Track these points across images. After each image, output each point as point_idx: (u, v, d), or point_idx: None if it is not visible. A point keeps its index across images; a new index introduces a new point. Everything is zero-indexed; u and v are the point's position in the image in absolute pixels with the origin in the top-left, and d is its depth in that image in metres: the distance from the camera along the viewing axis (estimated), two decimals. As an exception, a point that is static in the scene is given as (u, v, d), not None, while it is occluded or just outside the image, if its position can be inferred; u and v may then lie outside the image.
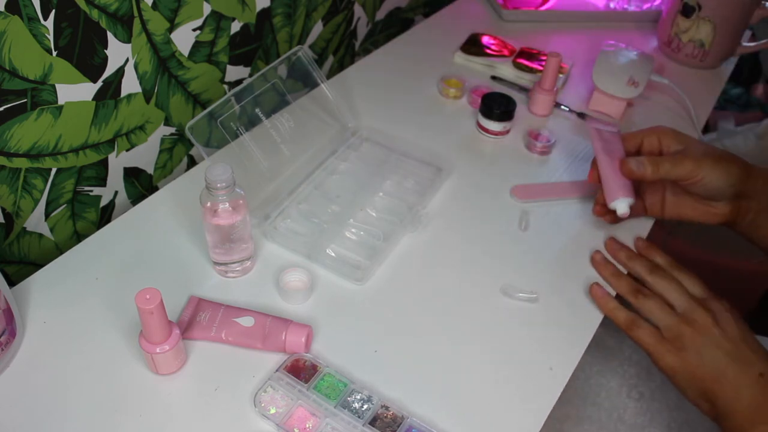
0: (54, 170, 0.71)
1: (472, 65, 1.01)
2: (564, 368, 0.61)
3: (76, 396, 0.56)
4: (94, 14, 0.66)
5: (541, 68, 0.98)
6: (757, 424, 0.54)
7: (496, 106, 0.85)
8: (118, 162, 0.78)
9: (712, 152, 0.65)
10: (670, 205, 0.71)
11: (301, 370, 0.58)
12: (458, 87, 0.94)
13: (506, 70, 0.99)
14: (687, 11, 1.00)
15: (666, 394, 0.74)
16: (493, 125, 0.86)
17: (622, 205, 0.67)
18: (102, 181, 0.77)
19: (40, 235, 0.74)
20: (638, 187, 0.70)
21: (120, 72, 0.72)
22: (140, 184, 0.83)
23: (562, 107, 0.93)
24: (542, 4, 1.17)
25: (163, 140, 0.83)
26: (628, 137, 0.71)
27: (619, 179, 0.67)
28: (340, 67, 1.13)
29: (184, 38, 0.78)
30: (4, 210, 0.68)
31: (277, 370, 0.58)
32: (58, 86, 0.66)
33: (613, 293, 0.67)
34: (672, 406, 0.73)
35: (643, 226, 0.75)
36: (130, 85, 0.74)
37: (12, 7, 0.58)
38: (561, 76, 0.96)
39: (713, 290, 0.67)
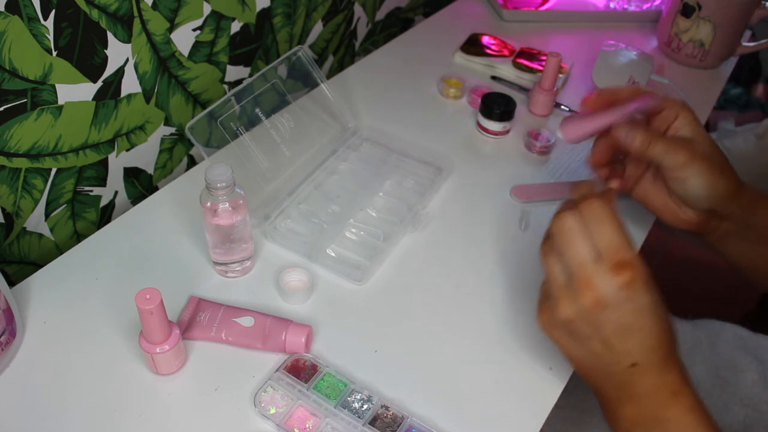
0: (54, 170, 0.71)
1: (472, 65, 1.01)
2: (564, 368, 0.61)
3: (76, 396, 0.56)
4: (94, 14, 0.66)
5: (541, 68, 0.98)
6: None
7: (496, 106, 0.85)
8: (118, 162, 0.78)
9: (713, 158, 0.61)
10: (643, 188, 0.67)
11: (301, 370, 0.58)
12: (458, 87, 0.94)
13: (506, 70, 0.99)
14: (687, 11, 1.00)
15: None
16: (493, 125, 0.86)
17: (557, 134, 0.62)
18: (102, 181, 0.77)
19: (40, 235, 0.74)
20: (624, 156, 0.66)
21: (120, 72, 0.72)
22: (140, 184, 0.83)
23: (562, 107, 0.93)
24: (542, 4, 1.17)
25: (163, 140, 0.83)
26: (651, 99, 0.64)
27: (585, 125, 0.61)
28: (340, 67, 1.13)
29: (184, 38, 0.78)
30: (4, 210, 0.68)
31: (277, 370, 0.58)
32: (58, 86, 0.66)
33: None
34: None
35: (644, 225, 0.75)
36: (130, 85, 0.74)
37: (12, 7, 0.58)
38: (561, 76, 0.96)
39: (709, 289, 0.65)
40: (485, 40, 1.05)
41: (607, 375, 0.53)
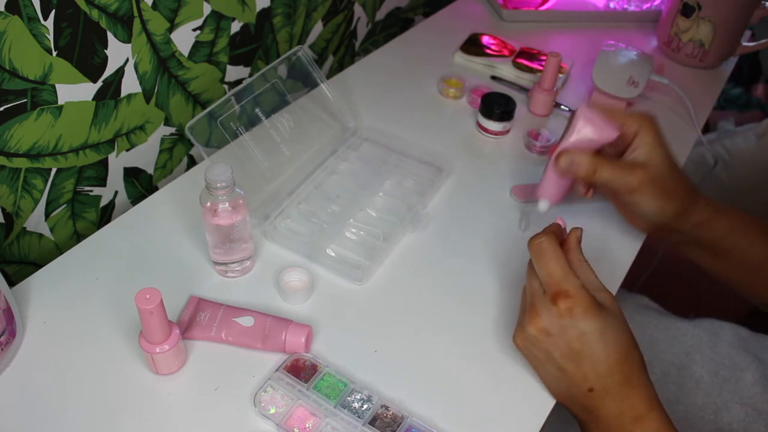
0: (54, 170, 0.71)
1: (472, 65, 1.01)
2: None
3: (76, 396, 0.56)
4: (94, 14, 0.66)
5: (541, 68, 0.98)
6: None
7: (496, 106, 0.85)
8: (118, 162, 0.78)
9: (664, 181, 0.62)
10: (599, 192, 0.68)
11: (301, 370, 0.58)
12: (458, 87, 0.94)
13: (506, 70, 0.99)
14: (687, 11, 1.00)
15: (666, 387, 0.74)
16: (493, 125, 0.86)
17: (542, 205, 0.65)
18: (102, 181, 0.77)
19: (40, 235, 0.74)
20: None
21: (120, 72, 0.72)
22: (140, 184, 0.83)
23: (562, 107, 0.93)
24: (542, 4, 1.17)
25: (163, 140, 0.83)
26: (610, 114, 0.64)
27: (558, 180, 0.63)
28: (340, 67, 1.13)
29: (184, 38, 0.78)
30: (4, 210, 0.68)
31: (277, 370, 0.58)
32: (58, 86, 0.66)
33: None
34: (672, 400, 0.73)
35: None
36: (130, 85, 0.74)
37: (12, 7, 0.58)
38: (561, 76, 0.96)
39: (709, 288, 0.66)
40: (485, 40, 1.05)
41: (571, 398, 0.55)
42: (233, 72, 0.89)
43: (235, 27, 0.85)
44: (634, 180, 0.60)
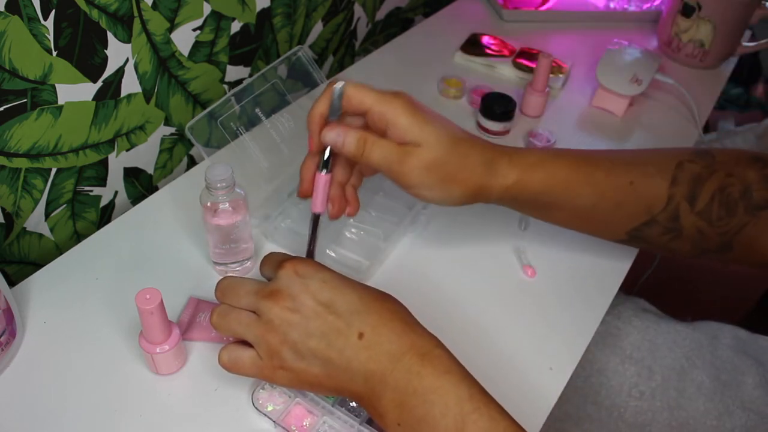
0: (54, 170, 0.71)
1: (472, 65, 1.01)
2: (564, 368, 0.61)
3: (76, 396, 0.56)
4: (94, 14, 0.66)
5: (541, 68, 0.98)
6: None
7: (496, 106, 0.85)
8: (118, 162, 0.78)
9: (444, 166, 0.53)
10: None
11: (301, 370, 0.58)
12: (458, 87, 0.94)
13: (506, 70, 0.99)
14: (687, 11, 1.00)
15: (667, 392, 0.74)
16: (493, 125, 0.86)
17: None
18: (102, 181, 0.77)
19: (40, 235, 0.74)
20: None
21: (120, 72, 0.72)
22: (140, 184, 0.83)
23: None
24: (542, 4, 1.17)
25: (163, 140, 0.83)
26: (352, 95, 0.55)
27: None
28: (340, 67, 1.13)
29: (184, 38, 0.78)
30: (4, 210, 0.68)
31: (276, 370, 0.57)
32: (58, 86, 0.66)
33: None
34: (673, 405, 0.73)
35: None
36: (130, 85, 0.74)
37: (12, 7, 0.58)
38: (561, 76, 0.96)
39: (708, 289, 0.64)
40: (485, 40, 1.05)
41: (346, 366, 0.48)
42: (233, 72, 0.89)
43: (235, 27, 0.85)
44: (405, 167, 0.52)
